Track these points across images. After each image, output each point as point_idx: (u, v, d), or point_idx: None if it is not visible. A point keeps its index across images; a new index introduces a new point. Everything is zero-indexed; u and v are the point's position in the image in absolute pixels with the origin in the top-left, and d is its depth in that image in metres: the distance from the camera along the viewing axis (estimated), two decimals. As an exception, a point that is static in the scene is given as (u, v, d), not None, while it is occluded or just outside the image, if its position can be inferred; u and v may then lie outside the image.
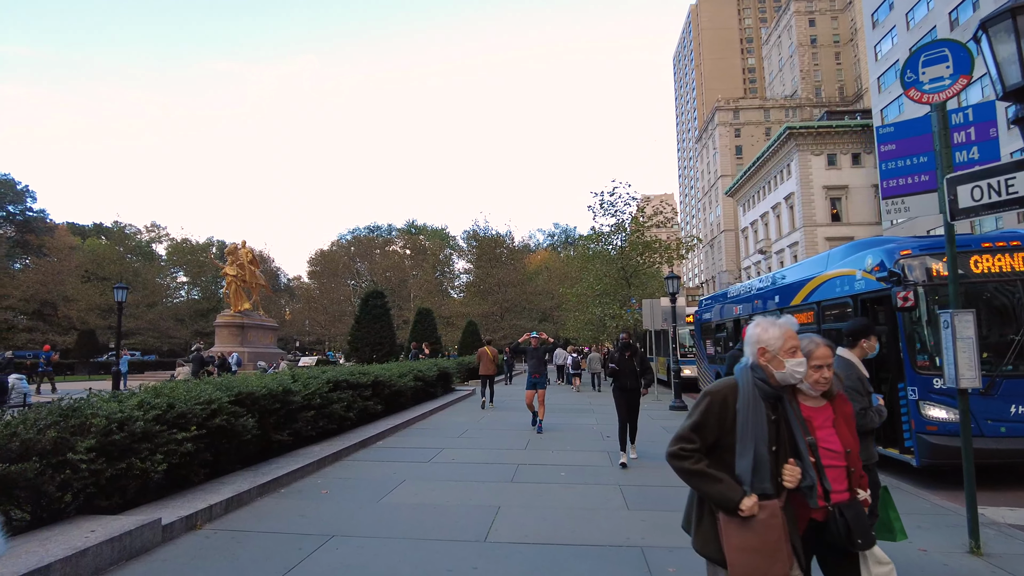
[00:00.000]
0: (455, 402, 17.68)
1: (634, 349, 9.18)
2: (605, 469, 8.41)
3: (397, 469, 8.32)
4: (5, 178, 68.74)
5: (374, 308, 23.67)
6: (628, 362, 8.98)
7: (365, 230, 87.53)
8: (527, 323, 46.90)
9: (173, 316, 57.54)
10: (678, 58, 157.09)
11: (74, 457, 4.87)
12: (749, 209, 72.13)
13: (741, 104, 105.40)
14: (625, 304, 25.44)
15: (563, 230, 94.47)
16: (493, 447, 10.20)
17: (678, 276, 17.72)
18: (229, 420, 6.87)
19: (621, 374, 8.97)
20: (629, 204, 26.30)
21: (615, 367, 9.02)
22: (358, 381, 11.42)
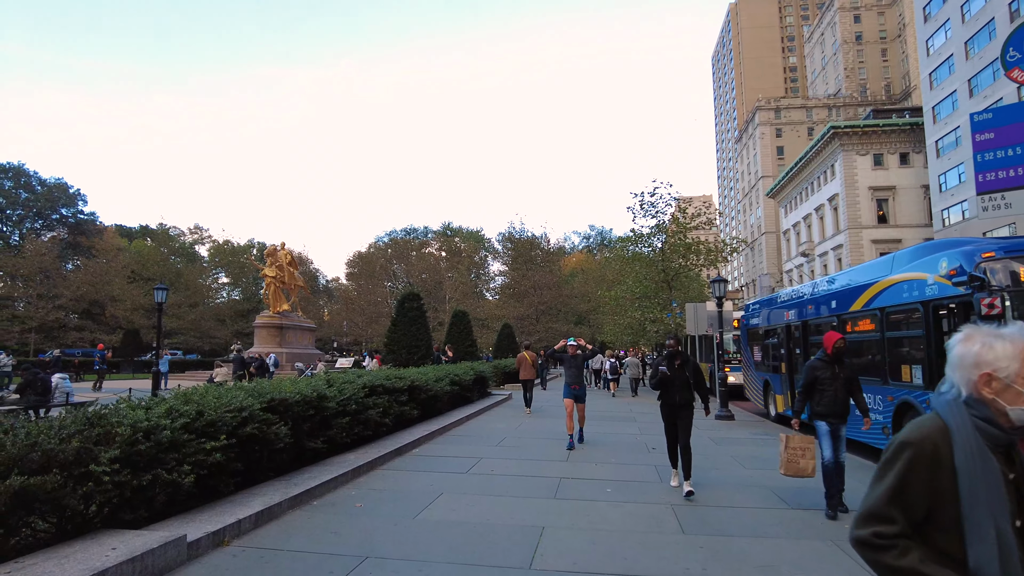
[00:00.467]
0: (492, 407, 17.29)
1: (685, 357, 7.85)
2: (654, 486, 7.89)
3: (434, 480, 7.94)
4: (59, 182, 71.24)
5: (410, 310, 23.45)
6: (678, 372, 7.71)
7: (402, 232, 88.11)
8: (562, 326, 46.31)
9: (214, 316, 58.56)
10: (717, 58, 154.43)
11: (97, 469, 4.60)
12: (791, 211, 70.19)
13: (783, 103, 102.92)
14: (666, 308, 24.72)
15: (599, 232, 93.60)
16: (533, 458, 9.76)
17: (725, 279, 16.99)
18: (261, 428, 6.59)
19: (669, 387, 7.71)
20: (670, 205, 25.60)
21: (662, 378, 7.74)
22: (394, 386, 11.12)
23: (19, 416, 13.76)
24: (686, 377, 7.72)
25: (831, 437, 6.76)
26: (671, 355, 7.87)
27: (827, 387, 6.75)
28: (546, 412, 16.91)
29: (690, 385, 7.72)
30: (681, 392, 7.69)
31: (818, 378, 6.81)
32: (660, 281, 25.02)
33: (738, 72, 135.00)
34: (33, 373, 14.08)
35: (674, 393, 7.70)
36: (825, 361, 6.84)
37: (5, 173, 68.24)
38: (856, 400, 6.87)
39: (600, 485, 7.84)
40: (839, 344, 6.76)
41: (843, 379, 6.76)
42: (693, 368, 7.86)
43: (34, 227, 68.45)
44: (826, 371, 6.79)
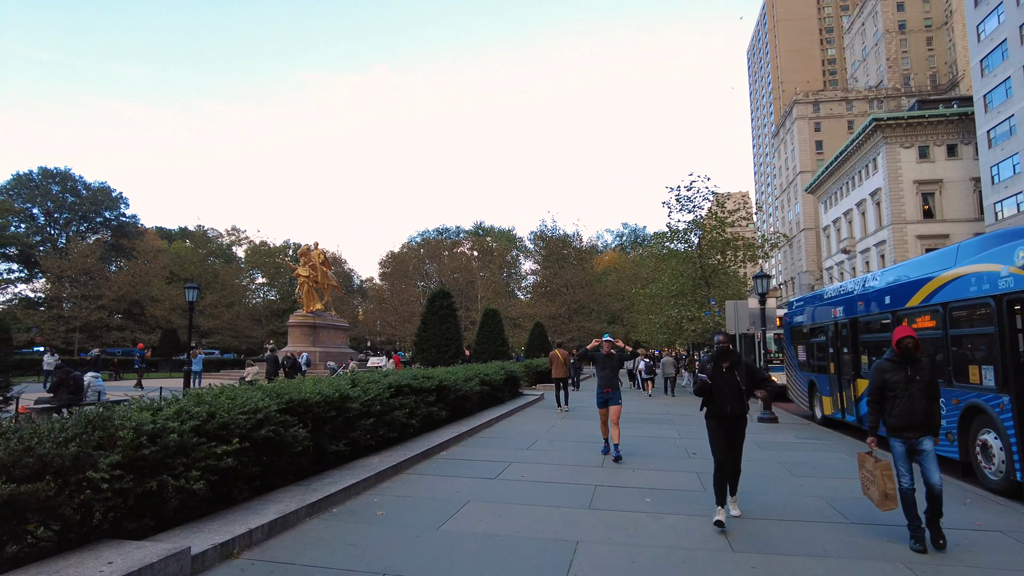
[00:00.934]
0: (523, 408, 16.83)
1: (736, 358, 6.49)
2: (697, 496, 7.32)
3: (461, 487, 7.51)
4: (102, 186, 73.18)
5: (440, 309, 23.13)
6: (727, 376, 6.31)
7: (434, 232, 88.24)
8: (595, 325, 45.58)
9: (250, 316, 59.34)
10: (752, 51, 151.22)
11: (95, 475, 4.28)
12: (831, 206, 68.11)
13: (822, 96, 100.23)
14: (704, 306, 23.92)
15: (632, 230, 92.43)
16: (566, 463, 9.25)
17: (768, 275, 16.22)
18: (277, 431, 6.24)
19: (717, 394, 6.31)
20: (708, 199, 24.77)
21: (707, 382, 6.36)
22: (421, 386, 10.74)
23: (51, 415, 13.83)
24: (737, 382, 6.29)
25: (909, 457, 5.60)
26: (719, 354, 6.50)
27: (900, 393, 5.57)
28: (579, 413, 16.40)
29: (742, 392, 6.29)
30: (732, 400, 6.28)
31: (887, 382, 5.66)
32: (697, 278, 24.20)
33: (774, 66, 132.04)
34: (66, 372, 14.09)
35: (723, 402, 6.28)
36: (895, 362, 5.68)
37: (53, 178, 70.36)
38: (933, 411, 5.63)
39: (638, 494, 7.31)
40: (907, 341, 5.57)
41: (921, 383, 5.54)
42: (747, 368, 6.48)
43: (79, 230, 70.44)
44: (897, 373, 5.62)
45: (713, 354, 6.64)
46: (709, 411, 6.47)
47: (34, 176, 69.32)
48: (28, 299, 57.99)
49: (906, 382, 5.57)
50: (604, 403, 9.80)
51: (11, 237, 62.55)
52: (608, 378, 9.78)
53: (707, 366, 6.52)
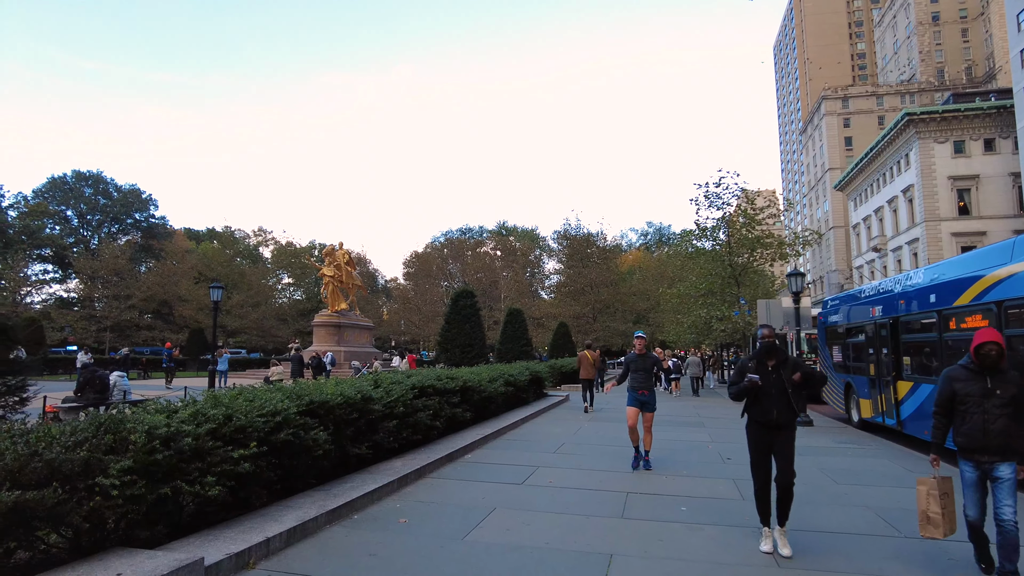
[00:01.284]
0: (548, 409, 16.51)
1: (783, 355, 5.53)
2: (736, 505, 6.94)
3: (486, 492, 7.23)
4: (133, 188, 74.60)
5: (464, 308, 22.91)
6: (773, 377, 5.38)
7: (457, 232, 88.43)
8: (620, 325, 45.02)
9: (276, 316, 59.88)
10: (779, 47, 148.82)
11: (105, 481, 4.08)
12: (861, 204, 66.53)
13: (851, 92, 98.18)
14: (733, 305, 23.35)
15: (656, 229, 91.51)
16: (595, 467, 8.91)
17: (802, 273, 15.67)
18: (297, 434, 6.01)
19: (762, 397, 5.37)
20: (737, 195, 24.19)
21: (757, 382, 5.32)
22: (445, 387, 10.49)
23: (78, 414, 13.87)
24: (784, 383, 5.35)
25: (980, 485, 4.67)
26: (764, 351, 5.53)
27: (973, 408, 4.61)
28: (606, 415, 16.05)
29: (789, 395, 5.33)
30: (779, 405, 5.31)
31: (958, 393, 4.71)
32: (727, 277, 23.63)
33: (801, 61, 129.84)
34: (91, 371, 14.15)
35: (769, 407, 5.32)
36: (971, 371, 4.71)
37: (86, 180, 71.92)
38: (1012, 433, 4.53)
39: (673, 503, 6.95)
40: (989, 348, 4.56)
41: (1002, 398, 4.53)
42: (798, 367, 5.49)
43: (111, 231, 71.85)
44: (972, 384, 4.66)
45: (756, 351, 5.71)
46: (751, 417, 5.52)
47: (68, 179, 70.95)
48: (62, 299, 59.24)
49: (982, 395, 4.60)
50: (638, 404, 8.86)
51: (46, 239, 64.00)
52: (642, 379, 8.88)
53: (748, 365, 5.57)
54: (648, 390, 8.89)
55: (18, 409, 6.64)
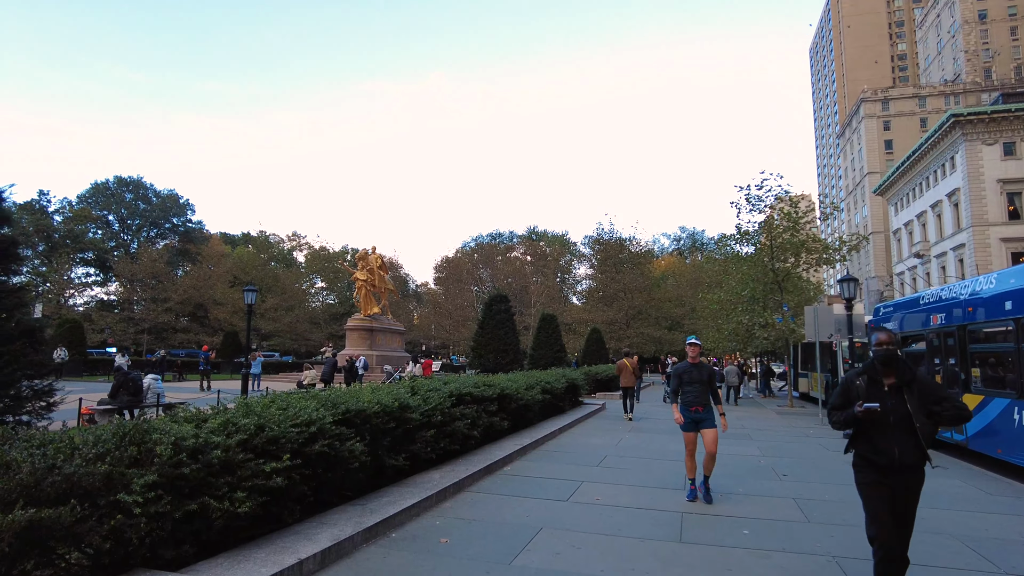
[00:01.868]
0: (586, 418, 15.98)
1: (909, 373, 4.13)
2: (802, 528, 6.35)
3: (530, 510, 6.77)
4: (171, 193, 76.21)
5: (497, 313, 22.49)
6: (893, 400, 4.03)
7: (488, 237, 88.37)
8: (655, 331, 44.14)
9: (309, 319, 60.39)
10: (815, 49, 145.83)
11: (127, 499, 3.74)
12: (902, 208, 64.42)
13: (891, 93, 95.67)
14: (776, 311, 22.49)
15: (690, 234, 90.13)
16: (643, 484, 8.38)
17: (855, 278, 14.89)
18: (332, 445, 5.64)
19: (877, 430, 4.04)
20: (781, 198, 23.34)
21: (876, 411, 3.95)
22: (483, 394, 10.07)
23: (112, 416, 13.83)
24: (907, 410, 3.99)
25: None
26: (882, 363, 4.13)
27: None
28: (646, 425, 15.47)
29: (915, 427, 3.96)
30: (901, 441, 3.96)
31: None
32: (769, 282, 22.79)
33: (839, 63, 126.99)
34: (124, 374, 14.11)
35: (886, 443, 3.98)
36: None
37: (127, 186, 73.69)
38: None
39: (733, 525, 6.39)
40: None
41: None
42: (922, 391, 4.07)
43: (149, 235, 73.45)
44: None
45: (866, 364, 4.29)
46: (860, 456, 4.20)
47: (110, 184, 72.78)
48: (103, 301, 60.64)
49: None
50: (693, 425, 7.54)
51: (89, 243, 65.70)
52: (696, 393, 7.55)
53: (857, 382, 4.20)
54: (703, 405, 7.56)
55: (44, 415, 6.44)
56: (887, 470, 4.03)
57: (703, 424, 7.55)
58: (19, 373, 6.05)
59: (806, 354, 27.02)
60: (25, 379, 6.19)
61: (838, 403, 4.34)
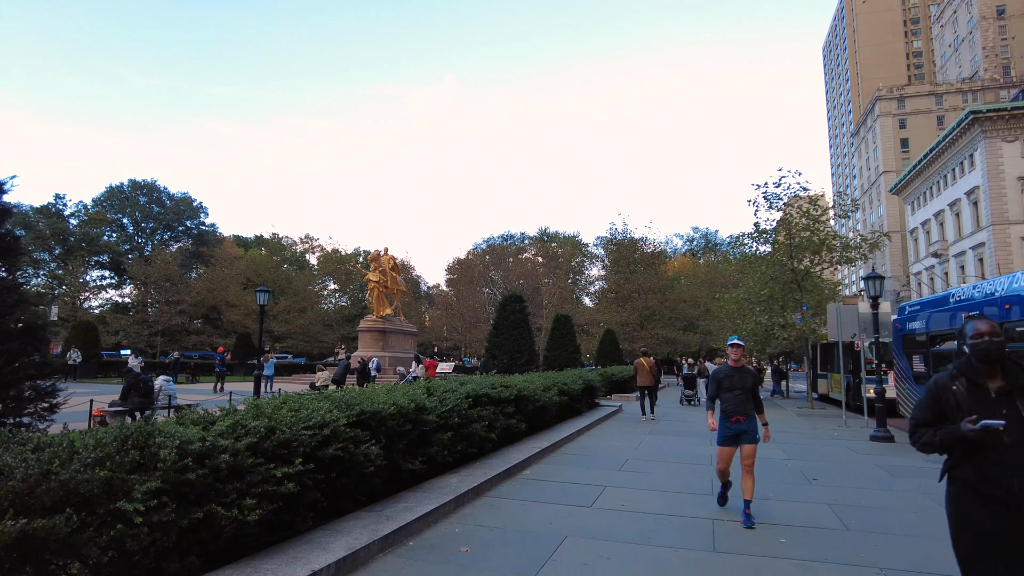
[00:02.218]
0: (603, 420, 15.63)
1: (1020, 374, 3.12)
2: (840, 536, 5.99)
3: (553, 516, 6.46)
4: (184, 196, 76.65)
5: (512, 314, 22.17)
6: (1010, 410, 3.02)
7: (499, 239, 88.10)
8: (669, 332, 43.58)
9: (322, 321, 60.34)
10: (828, 48, 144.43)
11: (127, 507, 3.47)
12: (919, 208, 63.50)
13: (907, 91, 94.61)
14: (795, 311, 22.03)
15: (703, 234, 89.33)
16: (669, 488, 8.04)
17: (881, 276, 14.45)
18: (347, 448, 5.36)
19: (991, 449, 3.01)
20: (799, 196, 22.89)
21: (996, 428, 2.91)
22: (500, 396, 9.78)
23: (124, 418, 13.66)
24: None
25: None
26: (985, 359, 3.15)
27: None
28: (665, 427, 15.12)
29: None
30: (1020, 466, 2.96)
31: None
32: (788, 281, 22.32)
33: (853, 62, 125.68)
34: (134, 375, 13.96)
35: (1000, 469, 2.99)
36: None
37: (141, 189, 74.21)
38: None
39: (768, 532, 6.05)
40: None
41: None
42: None
43: (163, 238, 73.89)
44: None
45: (961, 362, 3.29)
46: (961, 482, 3.17)
47: (125, 188, 73.32)
48: (117, 304, 61.00)
49: None
50: (733, 439, 6.63)
51: (104, 246, 66.18)
52: (738, 401, 6.63)
53: (952, 388, 3.21)
54: (746, 415, 6.63)
55: (46, 416, 6.22)
56: (1001, 505, 2.97)
57: (744, 437, 6.61)
58: (20, 373, 5.84)
59: (825, 355, 26.49)
60: (27, 379, 5.98)
61: (927, 418, 3.29)
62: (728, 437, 6.67)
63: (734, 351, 6.88)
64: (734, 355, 6.88)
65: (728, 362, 6.96)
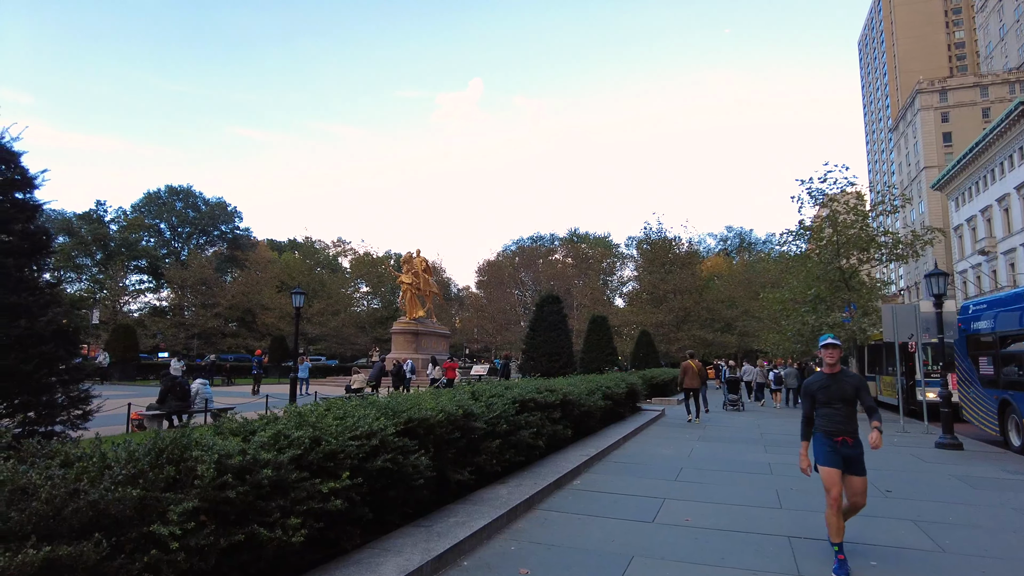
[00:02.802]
0: (647, 425, 15.04)
1: None
2: (936, 559, 5.38)
3: (614, 533, 5.96)
4: (219, 201, 77.88)
5: (550, 315, 21.65)
6: None
7: (528, 240, 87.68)
8: (707, 333, 42.58)
9: (355, 324, 60.55)
10: (864, 42, 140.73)
11: (163, 530, 3.10)
12: (964, 204, 61.19)
13: (950, 83, 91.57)
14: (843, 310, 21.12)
15: (736, 233, 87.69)
16: (731, 501, 7.47)
17: (945, 272, 13.61)
18: (395, 459, 4.96)
19: None
20: (845, 192, 21.98)
21: None
22: (546, 400, 9.31)
23: (161, 422, 13.56)
24: None
25: None
26: None
27: None
28: (713, 432, 14.49)
29: None
30: None
31: None
32: (835, 280, 21.42)
33: (890, 55, 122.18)
34: (171, 379, 13.85)
35: None
36: None
37: (177, 195, 75.63)
38: None
39: (854, 554, 5.44)
40: None
41: None
42: None
43: (199, 243, 75.18)
44: None
45: None
46: None
47: (162, 194, 74.80)
48: (155, 308, 62.16)
49: None
50: (835, 461, 5.15)
51: (142, 251, 67.56)
52: (841, 417, 5.18)
53: None
54: (853, 435, 5.16)
55: (80, 424, 5.96)
56: None
57: (852, 466, 5.18)
58: (53, 378, 5.59)
59: (873, 356, 25.46)
60: (60, 385, 5.73)
61: None
62: (832, 453, 5.17)
63: (830, 353, 5.33)
64: (829, 358, 5.33)
65: (822, 368, 5.49)
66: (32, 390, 5.40)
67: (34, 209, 5.81)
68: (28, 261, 5.82)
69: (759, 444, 12.69)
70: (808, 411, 5.41)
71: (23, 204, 5.75)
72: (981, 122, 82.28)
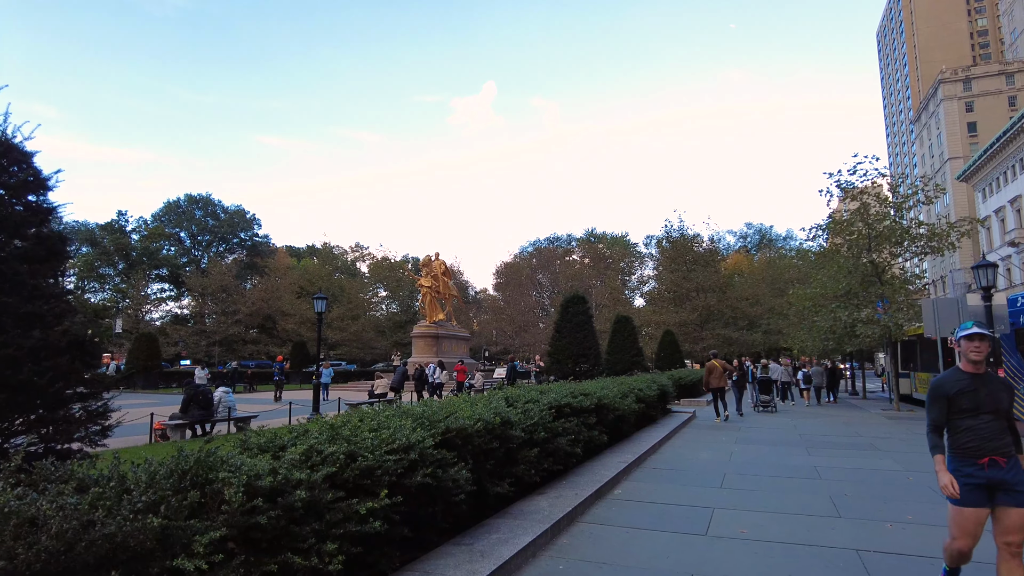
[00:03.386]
0: (680, 428, 14.55)
1: None
2: None
3: (666, 547, 5.54)
4: (238, 209, 78.47)
5: (575, 315, 21.18)
6: None
7: (545, 241, 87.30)
8: (731, 332, 41.80)
9: (374, 328, 60.59)
10: (883, 32, 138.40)
11: (188, 565, 2.75)
12: (991, 195, 59.73)
13: (974, 72, 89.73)
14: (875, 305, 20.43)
15: (757, 230, 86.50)
16: (785, 509, 7.00)
17: (994, 264, 12.99)
18: (435, 474, 4.59)
19: None
20: (876, 183, 21.30)
21: None
22: (581, 405, 8.90)
23: (184, 431, 13.34)
24: None
25: None
26: None
27: None
28: (747, 434, 14.01)
29: None
30: None
31: None
32: (867, 275, 20.73)
33: (911, 45, 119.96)
34: (194, 387, 13.64)
35: None
36: None
37: (197, 203, 76.31)
38: None
39: (932, 568, 4.99)
40: None
41: None
42: None
43: (219, 250, 75.74)
44: None
45: None
46: None
47: (181, 202, 75.53)
48: (176, 316, 62.67)
49: None
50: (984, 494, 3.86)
51: (163, 259, 68.23)
52: (989, 430, 3.87)
53: None
54: (1006, 454, 3.85)
55: (98, 440, 5.66)
56: None
57: (1006, 495, 3.80)
58: (69, 392, 5.30)
59: (907, 352, 24.71)
60: (78, 399, 5.44)
61: None
62: (974, 491, 3.85)
63: (975, 346, 3.92)
64: (976, 353, 3.92)
65: (959, 365, 4.10)
66: (47, 404, 5.11)
67: (48, 212, 5.54)
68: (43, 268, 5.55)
69: (800, 446, 12.17)
70: (939, 419, 4.05)
71: (36, 207, 5.50)
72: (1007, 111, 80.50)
